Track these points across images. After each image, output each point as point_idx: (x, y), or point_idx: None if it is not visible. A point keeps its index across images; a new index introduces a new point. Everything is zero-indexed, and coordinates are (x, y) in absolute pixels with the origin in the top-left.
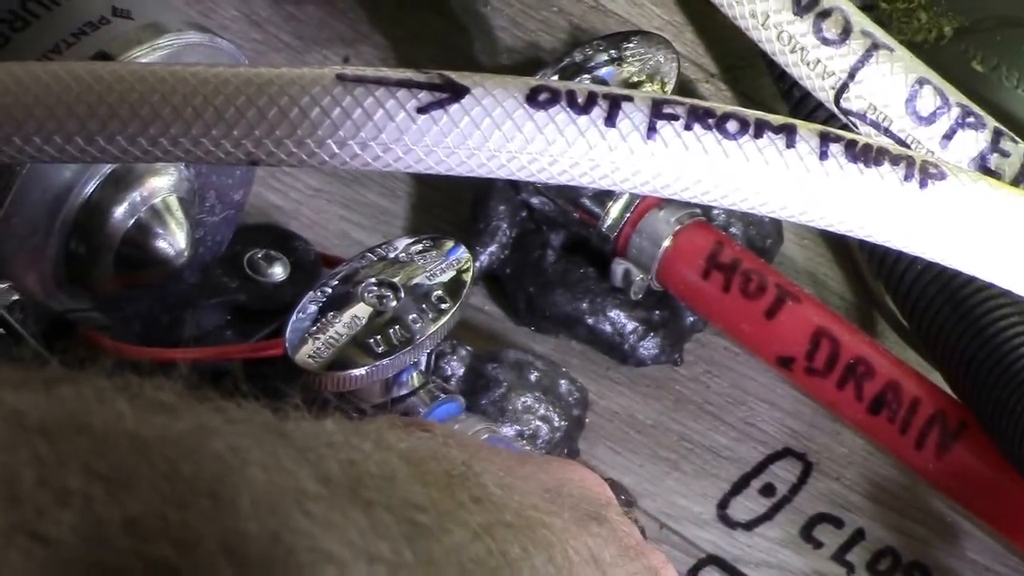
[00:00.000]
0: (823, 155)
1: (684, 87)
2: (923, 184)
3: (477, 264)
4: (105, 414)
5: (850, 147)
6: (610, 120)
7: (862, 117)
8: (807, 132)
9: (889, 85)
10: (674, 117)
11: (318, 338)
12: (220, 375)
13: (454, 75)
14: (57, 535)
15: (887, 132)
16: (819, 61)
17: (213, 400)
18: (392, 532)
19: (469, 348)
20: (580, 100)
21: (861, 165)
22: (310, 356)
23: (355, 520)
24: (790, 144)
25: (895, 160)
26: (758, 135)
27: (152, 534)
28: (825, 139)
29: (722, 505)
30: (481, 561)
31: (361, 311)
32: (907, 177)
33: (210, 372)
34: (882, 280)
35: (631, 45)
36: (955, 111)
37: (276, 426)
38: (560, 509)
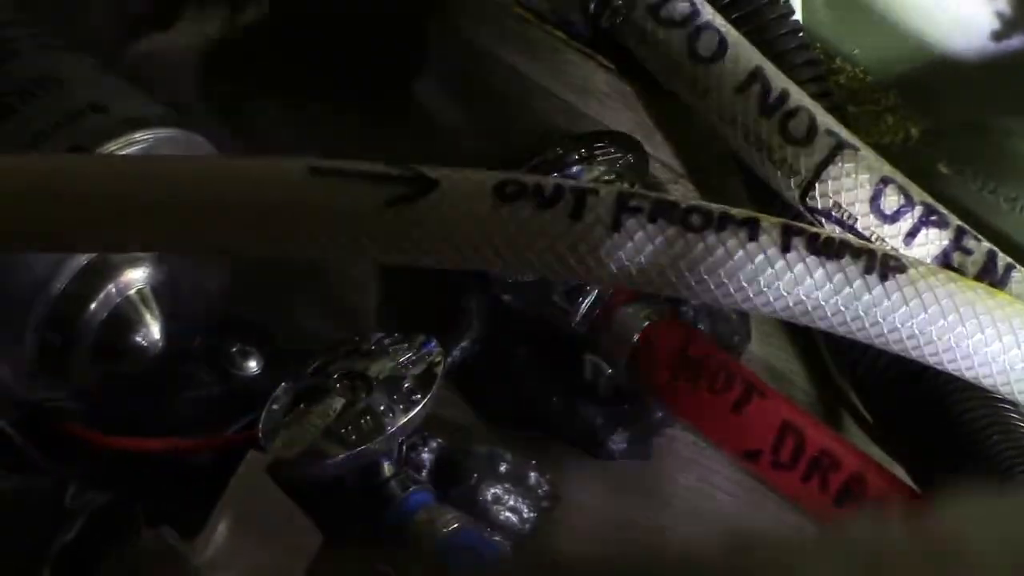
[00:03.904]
0: (785, 247)
1: (653, 188)
2: (884, 276)
3: (449, 359)
4: None
5: (812, 240)
6: (576, 213)
7: (827, 215)
8: (769, 225)
9: (854, 184)
10: (638, 210)
11: (291, 428)
12: (193, 467)
13: (425, 169)
14: None
15: (852, 230)
16: (785, 160)
17: None
18: None
19: (440, 440)
20: (547, 193)
21: (823, 258)
22: (283, 445)
23: None
24: (752, 237)
25: (856, 253)
26: (721, 228)
27: None
28: (787, 232)
29: None
30: None
31: (334, 402)
32: (868, 270)
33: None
34: (847, 376)
35: (602, 145)
36: (919, 209)
37: None
38: None
